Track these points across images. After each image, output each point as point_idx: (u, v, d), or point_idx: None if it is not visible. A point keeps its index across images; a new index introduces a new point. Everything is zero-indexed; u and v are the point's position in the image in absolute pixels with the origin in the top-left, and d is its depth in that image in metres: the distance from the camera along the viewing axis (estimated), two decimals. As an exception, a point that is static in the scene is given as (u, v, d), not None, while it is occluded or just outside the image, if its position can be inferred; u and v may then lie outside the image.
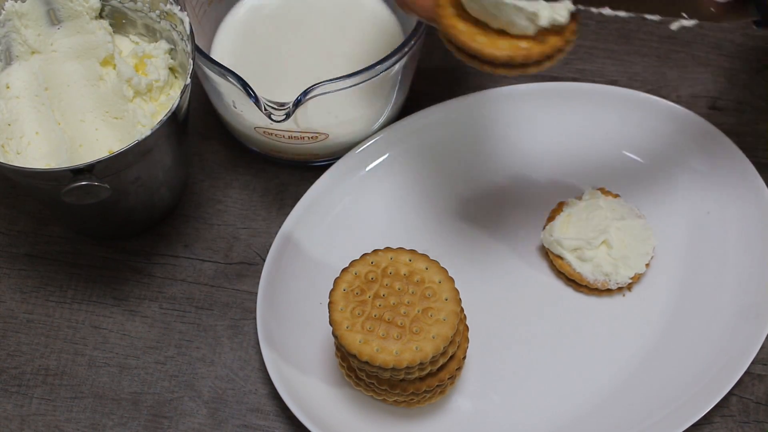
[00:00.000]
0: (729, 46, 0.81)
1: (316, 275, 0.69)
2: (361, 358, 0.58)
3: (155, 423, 0.66)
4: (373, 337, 0.58)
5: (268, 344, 0.65)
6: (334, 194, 0.71)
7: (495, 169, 0.73)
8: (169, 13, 0.66)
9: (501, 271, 0.70)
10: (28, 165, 0.64)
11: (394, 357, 0.57)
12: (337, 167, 0.71)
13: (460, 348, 0.62)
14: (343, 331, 0.58)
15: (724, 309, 0.67)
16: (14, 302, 0.70)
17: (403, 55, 0.66)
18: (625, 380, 0.66)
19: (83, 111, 0.67)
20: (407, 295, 0.59)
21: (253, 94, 0.63)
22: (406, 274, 0.60)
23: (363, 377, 0.61)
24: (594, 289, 0.68)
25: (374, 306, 0.59)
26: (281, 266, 0.68)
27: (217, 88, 0.68)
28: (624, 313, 0.68)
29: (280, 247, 0.69)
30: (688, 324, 0.67)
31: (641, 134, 0.73)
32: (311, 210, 0.70)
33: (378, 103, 0.71)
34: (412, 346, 0.58)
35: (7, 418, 0.66)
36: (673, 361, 0.66)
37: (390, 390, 0.61)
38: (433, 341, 0.58)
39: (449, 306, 0.59)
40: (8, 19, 0.67)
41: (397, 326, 0.58)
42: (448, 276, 0.60)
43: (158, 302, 0.70)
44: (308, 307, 0.68)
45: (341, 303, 0.59)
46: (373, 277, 0.60)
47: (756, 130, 0.76)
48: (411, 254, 0.61)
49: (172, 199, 0.72)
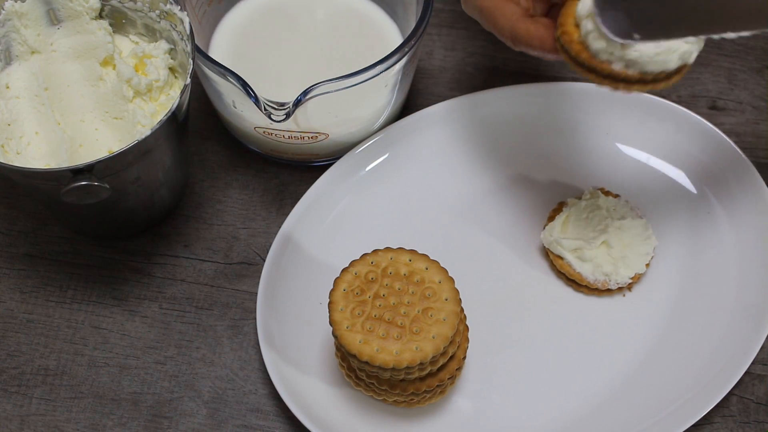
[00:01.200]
0: (729, 46, 0.81)
1: (316, 275, 0.69)
2: (361, 358, 0.58)
3: (155, 423, 0.66)
4: (373, 337, 0.58)
5: (268, 344, 0.65)
6: (334, 194, 0.71)
7: (495, 168, 0.73)
8: (169, 12, 0.66)
9: (501, 271, 0.70)
10: (27, 165, 0.64)
11: (394, 357, 0.57)
12: (337, 167, 0.71)
13: (460, 348, 0.62)
14: (343, 331, 0.58)
15: (724, 309, 0.67)
16: (14, 302, 0.70)
17: (403, 55, 0.66)
18: (625, 380, 0.66)
19: (83, 111, 0.67)
20: (407, 295, 0.59)
21: (253, 94, 0.63)
22: (406, 274, 0.60)
23: (363, 377, 0.61)
24: (594, 289, 0.68)
25: (374, 306, 0.59)
26: (281, 266, 0.68)
27: (217, 88, 0.68)
28: (624, 313, 0.68)
29: (280, 247, 0.69)
30: (688, 324, 0.67)
31: (641, 134, 0.73)
32: (311, 210, 0.70)
33: (378, 103, 0.71)
34: (412, 346, 0.58)
35: (7, 418, 0.66)
36: (673, 361, 0.66)
37: (390, 390, 0.61)
38: (433, 341, 0.58)
39: (449, 306, 0.59)
40: (8, 18, 0.67)
41: (397, 326, 0.58)
42: (448, 276, 0.60)
43: (158, 302, 0.70)
44: (308, 307, 0.68)
45: (341, 303, 0.59)
46: (373, 277, 0.60)
47: (756, 130, 0.76)
48: (411, 254, 0.61)
49: (172, 199, 0.72)
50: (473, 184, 0.73)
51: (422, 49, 0.71)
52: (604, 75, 0.56)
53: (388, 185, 0.73)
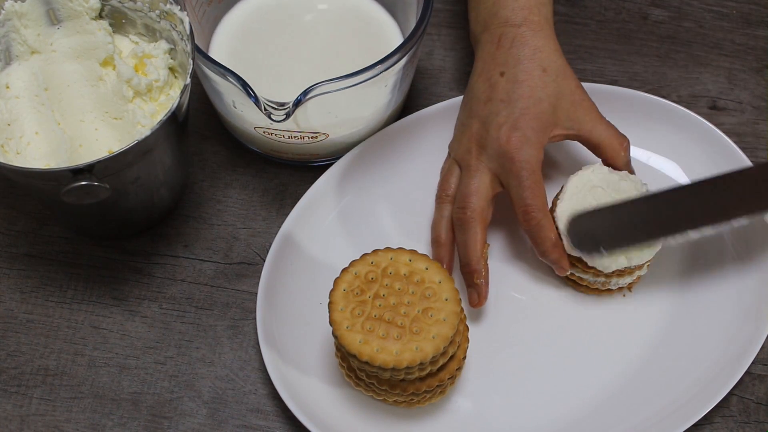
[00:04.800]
0: (729, 46, 0.81)
1: (316, 275, 0.68)
2: (361, 358, 0.58)
3: (155, 423, 0.66)
4: (373, 337, 0.58)
5: (268, 344, 0.65)
6: (334, 194, 0.71)
7: None
8: (169, 12, 0.66)
9: (500, 271, 0.70)
10: (27, 165, 0.64)
11: (394, 357, 0.57)
12: (337, 167, 0.71)
13: (460, 348, 0.62)
14: (343, 331, 0.58)
15: (724, 309, 0.67)
16: (14, 302, 0.70)
17: (403, 56, 0.66)
18: (625, 380, 0.66)
19: (83, 111, 0.67)
20: (407, 295, 0.59)
21: (253, 93, 0.63)
22: (406, 274, 0.60)
23: (363, 377, 0.61)
24: (594, 289, 0.68)
25: (374, 306, 0.59)
26: (281, 266, 0.68)
27: (217, 88, 0.68)
28: (624, 313, 0.68)
29: (280, 247, 0.69)
30: (688, 324, 0.67)
31: (641, 134, 0.73)
32: (311, 210, 0.70)
33: (378, 103, 0.71)
34: (412, 346, 0.58)
35: (6, 418, 0.66)
36: (673, 361, 0.66)
37: (390, 390, 0.61)
38: (433, 341, 0.58)
39: (449, 306, 0.59)
40: (8, 18, 0.67)
41: (397, 326, 0.58)
42: (448, 276, 0.60)
43: (158, 302, 0.70)
44: (308, 307, 0.68)
45: (341, 303, 0.59)
46: (373, 277, 0.60)
47: (756, 130, 0.76)
48: (411, 254, 0.61)
49: (172, 199, 0.72)
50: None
51: (422, 49, 0.71)
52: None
53: (387, 185, 0.73)
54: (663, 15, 0.82)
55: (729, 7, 0.83)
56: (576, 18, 0.82)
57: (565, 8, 0.82)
